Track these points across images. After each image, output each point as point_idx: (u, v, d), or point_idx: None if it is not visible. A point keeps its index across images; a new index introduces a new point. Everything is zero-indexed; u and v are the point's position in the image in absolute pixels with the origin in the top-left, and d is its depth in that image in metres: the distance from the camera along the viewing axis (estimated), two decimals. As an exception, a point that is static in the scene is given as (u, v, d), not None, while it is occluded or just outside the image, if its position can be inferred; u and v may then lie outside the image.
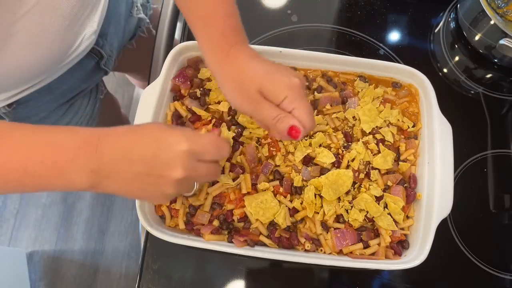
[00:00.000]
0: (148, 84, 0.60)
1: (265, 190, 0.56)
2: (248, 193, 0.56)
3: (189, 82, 0.60)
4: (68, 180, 0.39)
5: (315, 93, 0.61)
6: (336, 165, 0.57)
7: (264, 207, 0.54)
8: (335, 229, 0.55)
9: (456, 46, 0.74)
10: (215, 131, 0.48)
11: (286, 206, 0.55)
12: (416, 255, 0.53)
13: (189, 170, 0.41)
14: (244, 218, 0.56)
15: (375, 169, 0.57)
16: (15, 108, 0.57)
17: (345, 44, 0.73)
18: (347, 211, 0.56)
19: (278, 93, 0.44)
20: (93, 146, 0.39)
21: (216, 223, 0.55)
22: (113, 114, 0.99)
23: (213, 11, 0.46)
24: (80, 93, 0.69)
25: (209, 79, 0.61)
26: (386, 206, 0.56)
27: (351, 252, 0.55)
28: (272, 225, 0.55)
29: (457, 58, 0.74)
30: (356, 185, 0.57)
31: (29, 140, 0.39)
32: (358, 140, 0.59)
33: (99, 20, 0.59)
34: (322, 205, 0.55)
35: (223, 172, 0.56)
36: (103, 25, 0.62)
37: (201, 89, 0.61)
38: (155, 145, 0.40)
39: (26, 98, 0.57)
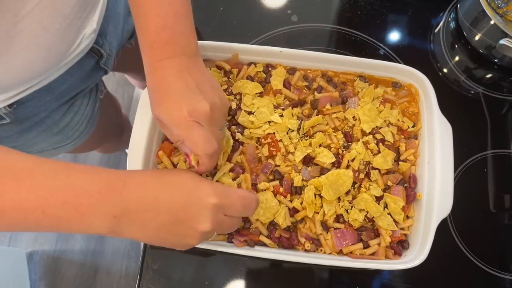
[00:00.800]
0: (148, 84, 0.60)
1: (265, 190, 0.56)
2: (248, 193, 0.56)
3: (189, 82, 0.60)
4: (88, 225, 0.38)
5: (315, 93, 0.61)
6: (336, 165, 0.57)
7: (264, 207, 0.54)
8: (335, 229, 0.55)
9: (456, 46, 0.75)
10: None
11: (286, 206, 0.55)
12: (416, 255, 0.53)
13: (215, 224, 0.41)
14: (244, 218, 0.56)
15: (375, 169, 0.57)
16: (15, 109, 0.57)
17: (345, 44, 0.73)
18: (347, 211, 0.56)
19: (168, 128, 0.45)
20: (118, 191, 0.38)
21: (216, 223, 0.55)
22: (113, 114, 0.99)
23: (147, 23, 0.46)
24: (80, 93, 0.69)
25: (209, 79, 0.61)
26: (386, 206, 0.56)
27: (351, 252, 0.55)
28: (272, 225, 0.55)
29: (457, 58, 0.74)
30: (356, 185, 0.57)
31: (50, 180, 0.37)
32: (358, 140, 0.59)
33: (98, 19, 0.59)
34: (322, 205, 0.55)
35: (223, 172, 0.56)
36: (102, 24, 0.62)
37: (201, 89, 0.61)
38: (186, 197, 0.40)
39: (26, 98, 0.57)
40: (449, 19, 0.76)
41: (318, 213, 0.55)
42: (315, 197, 0.55)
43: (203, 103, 0.44)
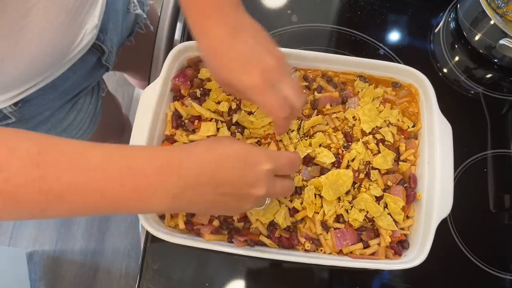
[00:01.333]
0: (148, 84, 0.60)
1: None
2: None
3: (189, 82, 0.60)
4: (148, 204, 0.38)
5: (315, 93, 0.61)
6: (336, 165, 0.57)
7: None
8: (335, 229, 0.55)
9: (456, 46, 0.74)
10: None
11: (286, 206, 0.55)
12: (416, 255, 0.53)
13: (270, 188, 0.42)
14: (244, 218, 0.56)
15: (375, 169, 0.57)
16: (21, 107, 0.57)
17: (345, 44, 0.73)
18: (347, 211, 0.56)
19: (239, 92, 0.46)
20: (175, 170, 0.38)
21: (216, 223, 0.55)
22: (114, 113, 0.99)
23: None
24: (83, 91, 0.70)
25: (209, 79, 0.61)
26: (386, 206, 0.56)
27: (351, 252, 0.55)
28: (272, 225, 0.55)
29: (457, 58, 0.74)
30: (356, 185, 0.57)
31: (105, 163, 0.36)
32: (358, 140, 0.59)
33: (99, 14, 0.59)
34: (322, 205, 0.55)
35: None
36: (103, 20, 0.62)
37: (201, 89, 0.61)
38: (242, 166, 0.41)
39: (31, 96, 0.58)
40: (449, 19, 0.76)
41: (318, 213, 0.55)
42: (315, 197, 0.55)
43: (269, 59, 0.44)
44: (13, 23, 0.46)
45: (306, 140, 0.58)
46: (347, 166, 0.57)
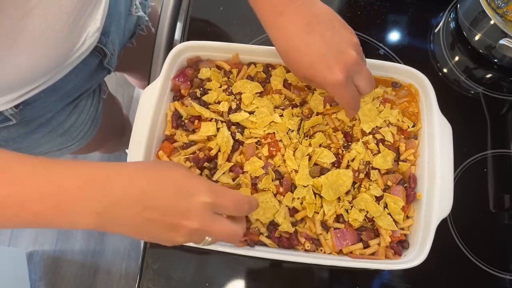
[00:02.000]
0: (148, 84, 0.60)
1: (265, 190, 0.56)
2: (248, 193, 0.56)
3: (189, 82, 0.60)
4: (71, 220, 0.36)
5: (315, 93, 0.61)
6: (336, 165, 0.57)
7: (264, 207, 0.54)
8: (335, 229, 0.55)
9: (456, 46, 0.74)
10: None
11: (286, 206, 0.55)
12: (416, 255, 0.53)
13: (205, 222, 0.39)
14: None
15: (375, 169, 0.57)
16: (22, 109, 0.57)
17: (345, 44, 0.73)
18: (347, 211, 0.56)
19: (320, 85, 0.47)
20: (101, 187, 0.36)
21: (216, 223, 0.55)
22: (115, 115, 0.99)
23: None
24: (84, 93, 0.70)
25: (209, 79, 0.61)
26: (386, 206, 0.56)
27: (351, 252, 0.55)
28: (272, 225, 0.55)
29: (457, 58, 0.74)
30: (356, 185, 0.57)
31: (28, 175, 0.35)
32: (358, 140, 0.59)
33: (101, 17, 0.59)
34: (322, 205, 0.55)
35: (223, 173, 0.56)
36: (105, 23, 0.62)
37: (201, 89, 0.61)
38: (176, 193, 0.38)
39: (32, 98, 0.57)
40: (449, 19, 0.76)
41: (318, 213, 0.55)
42: (315, 197, 0.55)
43: (348, 52, 0.45)
44: (12, 24, 0.46)
45: (306, 140, 0.58)
46: (347, 166, 0.57)
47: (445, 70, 0.73)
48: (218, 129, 0.58)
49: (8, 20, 0.45)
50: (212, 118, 0.59)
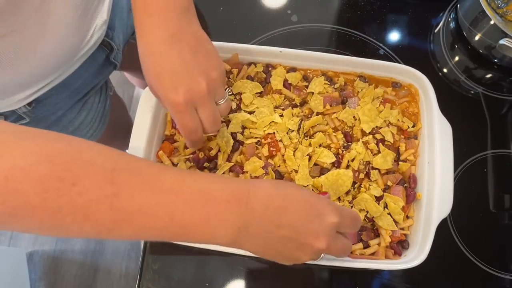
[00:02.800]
0: (148, 84, 0.60)
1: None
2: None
3: (189, 82, 0.60)
4: (211, 235, 0.36)
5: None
6: (336, 165, 0.57)
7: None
8: (335, 229, 0.55)
9: (456, 46, 0.75)
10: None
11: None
12: (416, 255, 0.53)
13: (331, 243, 0.39)
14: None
15: (375, 169, 0.57)
16: (34, 107, 0.58)
17: (345, 44, 0.73)
18: (347, 211, 0.56)
19: (163, 104, 0.46)
20: (244, 201, 0.36)
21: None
22: (121, 112, 1.00)
23: None
24: (92, 90, 0.70)
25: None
26: (386, 206, 0.56)
27: (351, 252, 0.55)
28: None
29: (457, 58, 0.74)
30: (356, 185, 0.57)
31: (179, 185, 0.35)
32: (358, 140, 0.59)
33: (107, 10, 0.60)
34: (322, 205, 0.55)
35: (223, 172, 0.56)
36: (110, 17, 0.62)
37: (201, 89, 0.61)
38: (308, 213, 0.38)
39: (44, 96, 0.58)
40: (449, 19, 0.76)
41: (318, 213, 0.55)
42: (315, 197, 0.55)
43: (198, 81, 0.43)
44: (26, 19, 0.46)
45: (306, 140, 0.58)
46: (347, 166, 0.57)
47: (445, 70, 0.73)
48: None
49: (20, 16, 0.45)
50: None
